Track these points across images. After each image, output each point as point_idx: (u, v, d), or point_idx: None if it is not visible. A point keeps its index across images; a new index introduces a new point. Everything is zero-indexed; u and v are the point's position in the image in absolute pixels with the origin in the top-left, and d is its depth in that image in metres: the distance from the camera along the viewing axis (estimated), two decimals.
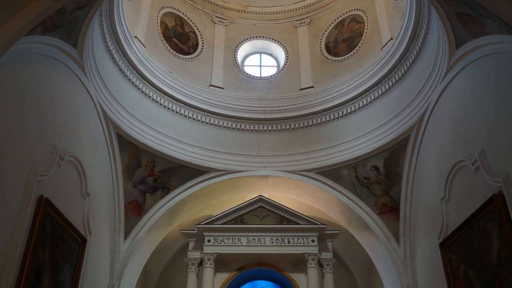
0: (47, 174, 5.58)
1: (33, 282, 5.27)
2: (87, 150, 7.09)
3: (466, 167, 6.11)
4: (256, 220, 9.44)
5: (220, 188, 9.66)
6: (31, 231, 5.19)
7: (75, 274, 6.50)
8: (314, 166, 9.39)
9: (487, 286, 5.50)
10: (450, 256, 6.53)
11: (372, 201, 9.00)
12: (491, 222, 5.41)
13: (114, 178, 8.35)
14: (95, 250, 7.43)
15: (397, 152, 8.51)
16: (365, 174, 9.01)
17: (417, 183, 8.15)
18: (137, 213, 8.89)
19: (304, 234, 9.22)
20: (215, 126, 9.57)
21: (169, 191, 9.17)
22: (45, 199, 5.47)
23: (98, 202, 7.59)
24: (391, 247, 8.72)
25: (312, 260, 9.06)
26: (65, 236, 6.17)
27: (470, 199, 5.96)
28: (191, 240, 9.47)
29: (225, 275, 9.31)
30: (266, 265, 9.46)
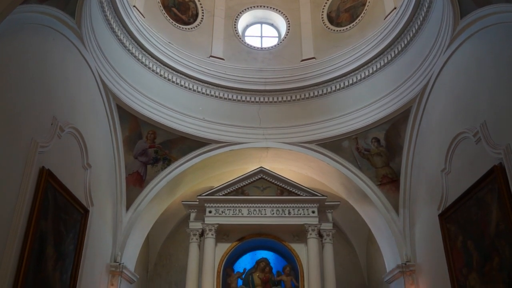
0: (48, 145, 5.58)
1: (37, 251, 5.34)
2: (87, 121, 7.07)
3: (467, 139, 6.11)
4: (257, 192, 9.47)
5: (221, 160, 9.69)
6: (33, 202, 5.23)
7: (78, 244, 6.59)
8: (315, 138, 9.39)
9: (485, 256, 5.57)
10: (449, 227, 6.60)
11: (373, 172, 9.03)
12: (491, 193, 5.44)
13: (115, 149, 8.37)
14: (98, 221, 7.51)
15: (398, 123, 8.49)
16: (366, 145, 9.02)
17: (417, 154, 8.16)
18: (139, 185, 8.95)
19: (304, 205, 9.27)
20: (215, 97, 9.51)
21: (170, 162, 9.20)
22: (46, 170, 5.49)
23: (100, 173, 7.63)
24: (390, 218, 8.80)
25: (312, 230, 9.14)
26: (68, 207, 6.23)
27: (471, 171, 5.97)
28: (192, 211, 9.53)
29: (226, 245, 9.41)
30: (266, 235, 9.55)
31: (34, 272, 5.26)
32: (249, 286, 9.46)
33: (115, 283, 8.36)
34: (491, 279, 5.40)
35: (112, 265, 8.37)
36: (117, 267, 8.39)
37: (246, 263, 9.88)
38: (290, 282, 9.44)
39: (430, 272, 7.66)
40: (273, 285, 9.46)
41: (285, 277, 9.54)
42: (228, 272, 9.59)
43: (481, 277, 5.66)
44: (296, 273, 9.39)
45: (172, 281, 11.91)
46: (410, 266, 8.31)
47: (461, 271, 6.19)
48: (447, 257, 6.61)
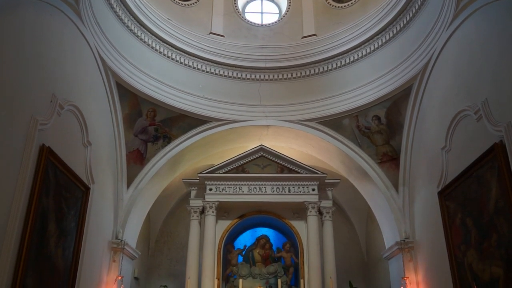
0: (48, 123, 5.57)
1: (39, 228, 5.39)
2: (87, 99, 7.04)
3: (468, 116, 6.08)
4: (257, 169, 9.51)
5: (221, 138, 9.69)
6: (34, 179, 5.25)
7: (80, 221, 6.65)
8: (315, 115, 9.36)
9: (483, 233, 5.62)
10: (448, 204, 6.64)
11: (373, 150, 9.04)
12: (491, 171, 5.45)
13: (115, 127, 8.36)
14: (99, 198, 7.56)
15: (399, 101, 8.46)
16: (367, 123, 9.00)
17: (418, 132, 8.15)
18: (139, 162, 8.97)
19: (304, 183, 9.32)
20: (215, 75, 9.45)
21: (170, 140, 9.20)
22: (47, 147, 5.49)
23: (100, 151, 7.63)
24: (390, 195, 8.85)
25: (312, 208, 9.21)
26: (69, 185, 6.25)
27: (471, 149, 5.97)
28: (193, 188, 9.59)
29: (226, 223, 9.50)
30: (267, 213, 9.62)
31: (36, 249, 5.32)
32: (250, 262, 9.59)
33: (117, 259, 8.46)
34: (489, 255, 5.46)
35: (114, 242, 8.45)
36: (118, 244, 8.48)
37: (246, 240, 10.00)
38: (290, 259, 9.57)
39: (428, 249, 7.75)
40: (273, 262, 9.59)
41: (285, 253, 9.66)
42: (229, 248, 9.71)
43: (479, 254, 5.71)
44: (296, 250, 9.50)
45: (173, 257, 12.05)
46: (409, 243, 8.39)
47: (459, 247, 6.26)
48: (446, 234, 6.66)
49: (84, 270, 6.84)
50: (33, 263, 5.22)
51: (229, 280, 9.36)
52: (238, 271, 9.37)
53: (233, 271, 9.45)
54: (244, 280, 9.08)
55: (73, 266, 6.38)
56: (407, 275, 8.23)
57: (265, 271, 9.44)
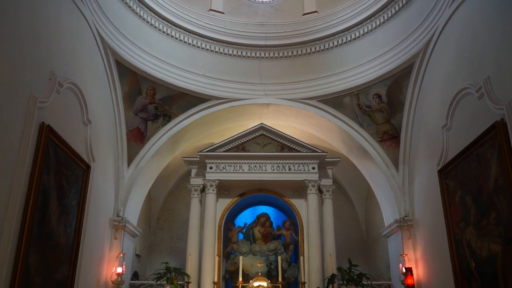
0: (47, 101, 5.54)
1: (41, 205, 5.42)
2: (86, 77, 7.00)
3: (470, 95, 6.05)
4: (258, 148, 9.52)
5: (221, 116, 9.66)
6: (35, 157, 5.25)
7: (81, 199, 6.68)
8: (316, 94, 9.31)
9: (482, 210, 5.65)
10: (448, 182, 6.66)
11: (373, 129, 9.02)
12: (491, 149, 5.44)
13: (115, 105, 8.33)
14: (100, 176, 7.58)
15: (400, 79, 8.40)
16: (367, 102, 8.97)
17: (419, 111, 8.12)
18: (139, 141, 8.97)
19: (304, 162, 9.34)
20: (215, 53, 9.35)
21: (170, 119, 9.18)
22: (46, 126, 5.48)
23: (100, 129, 7.63)
24: (390, 174, 8.88)
25: (312, 186, 9.25)
26: (69, 163, 6.26)
27: (472, 127, 5.96)
28: (193, 167, 9.62)
29: (227, 201, 9.57)
30: (267, 191, 9.68)
31: (38, 226, 5.36)
32: (250, 240, 9.69)
33: (118, 236, 8.54)
34: (488, 233, 5.50)
35: (115, 219, 8.52)
36: (120, 222, 8.55)
37: (247, 218, 10.09)
38: (290, 236, 9.66)
39: (427, 227, 7.81)
40: (273, 239, 9.70)
41: (285, 231, 9.76)
42: (229, 226, 9.80)
43: (478, 231, 5.76)
44: (295, 228, 9.59)
45: (174, 235, 12.18)
46: (408, 220, 8.46)
47: (458, 225, 6.30)
48: (445, 212, 6.70)
49: (86, 247, 6.91)
50: (35, 240, 5.26)
51: (230, 257, 9.47)
52: (239, 249, 9.48)
53: (233, 248, 9.55)
54: (245, 257, 9.19)
55: (75, 243, 6.44)
56: (405, 252, 8.31)
57: (265, 248, 9.55)
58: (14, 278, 4.80)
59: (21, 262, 4.89)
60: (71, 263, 6.33)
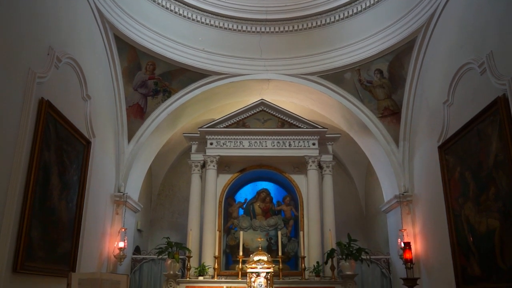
0: (46, 76, 5.50)
1: (42, 181, 5.44)
2: (84, 52, 6.92)
3: (472, 70, 6.00)
4: (258, 124, 9.49)
5: (221, 92, 9.61)
6: (35, 133, 5.24)
7: (82, 175, 6.71)
8: (317, 69, 9.23)
9: (481, 186, 5.68)
10: (448, 158, 6.67)
11: (374, 104, 8.99)
12: (492, 125, 5.43)
13: (114, 81, 8.28)
14: (100, 152, 7.59)
15: (402, 54, 8.31)
16: (369, 77, 8.90)
17: (420, 86, 8.08)
18: (140, 117, 8.95)
19: (305, 138, 9.33)
20: (215, 27, 9.22)
21: (170, 94, 9.13)
22: (46, 101, 5.45)
23: (100, 105, 7.60)
24: (390, 150, 8.88)
25: (312, 162, 9.27)
26: (70, 138, 6.26)
27: (473, 103, 5.93)
28: (193, 143, 9.61)
29: (227, 176, 9.60)
30: (267, 167, 9.70)
31: (40, 201, 5.39)
32: (250, 215, 9.77)
33: (119, 212, 8.63)
34: (486, 208, 5.54)
35: (116, 195, 8.58)
36: (121, 197, 8.61)
37: (247, 193, 10.14)
38: (289, 212, 9.74)
39: (426, 202, 7.86)
40: (273, 214, 9.77)
41: (285, 206, 9.82)
42: (230, 202, 9.86)
43: (477, 207, 5.80)
44: (295, 203, 9.65)
45: (175, 210, 12.28)
46: (407, 196, 8.51)
47: (457, 200, 6.34)
48: (444, 188, 6.74)
49: (88, 222, 6.98)
50: (37, 215, 5.30)
51: (230, 232, 9.57)
52: (239, 224, 9.56)
53: (234, 223, 9.64)
54: (245, 232, 9.28)
55: (77, 218, 6.50)
56: (404, 228, 8.40)
57: (265, 223, 9.63)
58: (17, 252, 4.86)
59: (24, 236, 4.95)
60: (74, 238, 6.40)
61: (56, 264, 5.83)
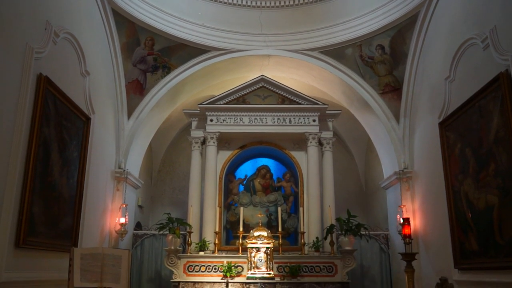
0: (44, 51, 5.43)
1: (43, 157, 5.44)
2: (82, 27, 6.83)
3: (475, 45, 5.92)
4: (258, 100, 9.45)
5: (221, 68, 9.53)
6: (34, 109, 5.21)
7: (82, 151, 6.70)
8: (317, 45, 9.13)
9: (481, 162, 5.68)
10: (448, 135, 6.66)
11: (375, 81, 8.93)
12: (494, 101, 5.39)
13: (113, 57, 8.20)
14: (100, 128, 7.58)
15: (404, 30, 8.20)
16: (370, 53, 8.81)
17: (422, 62, 8.00)
18: (139, 93, 8.90)
19: (305, 114, 9.29)
20: (214, 2, 9.07)
21: (170, 70, 9.06)
22: (44, 77, 5.40)
23: (99, 81, 7.54)
24: (390, 126, 8.87)
25: (312, 139, 9.26)
26: (69, 115, 6.23)
27: (475, 79, 5.87)
28: (193, 119, 9.58)
29: (227, 153, 9.60)
30: (267, 143, 9.69)
31: (41, 177, 5.41)
32: (250, 191, 9.82)
33: (120, 188, 8.67)
34: (486, 184, 5.55)
35: (117, 171, 8.61)
36: (121, 173, 8.64)
37: (247, 170, 10.17)
38: (289, 188, 9.78)
39: (426, 178, 7.89)
40: (273, 191, 9.82)
41: (285, 183, 9.86)
42: (230, 178, 9.90)
43: (476, 183, 5.81)
44: (295, 180, 9.69)
45: (175, 186, 12.34)
46: (407, 173, 8.54)
47: (457, 177, 6.35)
48: (444, 164, 6.74)
49: (89, 198, 7.01)
50: (38, 191, 5.32)
51: (231, 208, 9.64)
52: (239, 200, 9.62)
53: (234, 199, 9.70)
54: (245, 208, 9.34)
55: (78, 194, 6.53)
56: (403, 204, 8.45)
57: (265, 199, 9.69)
58: (19, 228, 4.90)
59: (25, 212, 4.98)
60: (75, 214, 6.44)
61: (58, 239, 5.88)
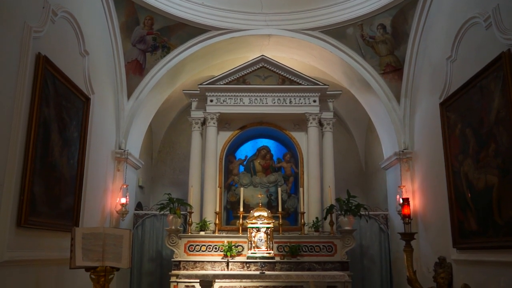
0: (42, 30, 5.38)
1: (43, 137, 5.44)
2: (81, 6, 6.74)
3: (477, 24, 5.86)
4: (258, 81, 9.40)
5: (221, 48, 9.45)
6: (33, 89, 5.18)
7: (82, 131, 6.69)
8: (318, 24, 9.04)
9: (482, 143, 5.67)
10: (449, 115, 6.64)
11: (376, 61, 8.87)
12: (495, 81, 5.36)
13: (112, 36, 8.12)
14: (100, 109, 7.56)
15: (406, 9, 8.11)
16: (371, 33, 8.72)
17: (424, 42, 7.93)
18: (139, 73, 8.85)
19: (305, 95, 9.26)
20: None
21: (169, 50, 8.98)
22: (43, 56, 5.36)
23: (98, 61, 7.49)
24: (391, 107, 8.84)
25: (312, 119, 9.24)
26: (68, 95, 6.21)
27: (477, 58, 5.83)
28: (193, 100, 9.55)
29: (227, 134, 9.60)
30: (267, 124, 9.68)
31: (41, 157, 5.41)
32: (251, 172, 9.85)
33: (121, 168, 8.69)
34: (486, 164, 5.56)
35: (117, 151, 8.62)
36: (122, 154, 8.65)
37: (247, 150, 10.18)
38: (290, 169, 9.81)
39: (426, 159, 7.90)
40: (274, 171, 9.84)
41: (285, 163, 9.89)
42: (230, 159, 9.92)
43: (476, 163, 5.82)
44: (296, 160, 9.71)
45: (176, 167, 12.37)
46: (407, 153, 8.55)
47: (457, 157, 6.36)
48: (444, 145, 6.73)
49: (90, 178, 7.03)
50: (39, 171, 5.33)
51: (231, 188, 9.68)
52: (240, 180, 9.65)
53: (234, 180, 9.73)
54: (245, 189, 9.38)
55: (78, 174, 6.55)
56: (403, 184, 8.48)
57: (265, 180, 9.72)
58: (21, 207, 4.92)
59: (26, 192, 4.99)
60: (76, 194, 6.46)
61: (60, 219, 5.92)
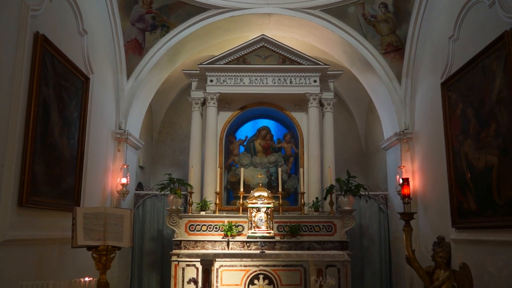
0: (40, 8, 5.31)
1: (42, 117, 5.43)
2: None
3: (480, 3, 5.79)
4: (259, 60, 9.33)
5: (221, 27, 9.35)
6: (32, 68, 5.15)
7: (82, 111, 6.68)
8: (319, 3, 8.91)
9: (482, 123, 5.67)
10: (450, 95, 6.61)
11: (377, 40, 8.78)
12: (497, 60, 5.32)
13: (110, 15, 8.03)
14: (99, 89, 7.52)
15: None
16: (373, 11, 8.62)
17: (426, 21, 7.84)
18: (138, 53, 8.78)
19: (306, 74, 9.20)
20: None
21: (169, 29, 8.89)
22: (41, 35, 5.31)
23: (97, 40, 7.42)
24: (392, 87, 8.80)
25: (313, 100, 9.20)
26: (68, 74, 6.17)
27: (480, 38, 5.78)
28: (193, 80, 9.50)
29: (228, 114, 9.57)
30: (268, 104, 9.65)
31: (41, 137, 5.41)
32: (251, 152, 9.85)
33: (121, 149, 8.69)
34: (486, 144, 5.56)
35: (117, 132, 8.61)
36: (122, 134, 8.65)
37: (247, 131, 10.17)
38: (290, 149, 9.81)
39: (426, 139, 7.89)
40: (274, 152, 9.85)
41: (285, 144, 9.89)
42: (231, 139, 9.91)
43: (476, 144, 5.82)
44: (296, 141, 9.70)
45: (176, 147, 12.37)
46: (408, 133, 8.54)
47: (457, 137, 6.36)
48: (445, 125, 6.73)
49: (91, 158, 7.04)
50: (39, 151, 5.34)
51: (231, 169, 9.69)
52: (240, 161, 9.67)
53: (234, 160, 9.74)
54: (246, 169, 9.40)
55: (79, 154, 6.56)
56: (403, 164, 8.50)
57: (265, 160, 9.74)
58: (21, 187, 4.94)
59: (27, 171, 5.00)
60: (76, 174, 6.48)
61: (61, 199, 5.95)
